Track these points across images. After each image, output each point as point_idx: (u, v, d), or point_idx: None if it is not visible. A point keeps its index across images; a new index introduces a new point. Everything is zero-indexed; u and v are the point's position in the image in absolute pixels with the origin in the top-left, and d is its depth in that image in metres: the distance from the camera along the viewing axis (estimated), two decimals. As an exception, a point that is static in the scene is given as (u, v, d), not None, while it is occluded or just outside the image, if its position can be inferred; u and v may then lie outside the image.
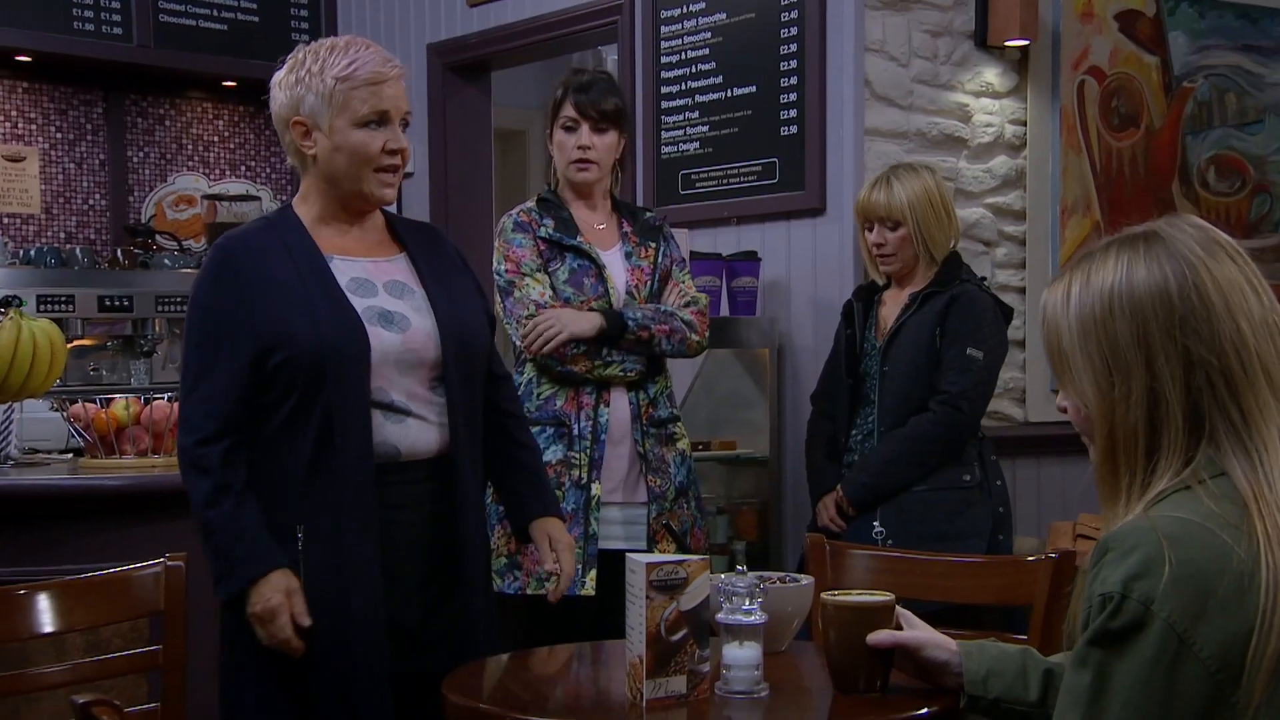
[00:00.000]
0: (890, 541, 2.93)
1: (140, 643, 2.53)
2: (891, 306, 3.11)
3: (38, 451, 3.17)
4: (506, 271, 2.87)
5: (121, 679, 2.30)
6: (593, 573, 2.79)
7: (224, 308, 2.06)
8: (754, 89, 3.71)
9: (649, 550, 2.87)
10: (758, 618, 1.58)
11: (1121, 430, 1.26)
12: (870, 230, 3.08)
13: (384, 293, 2.12)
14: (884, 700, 1.57)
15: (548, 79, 6.07)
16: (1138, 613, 1.17)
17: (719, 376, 3.71)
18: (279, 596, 1.98)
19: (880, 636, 1.56)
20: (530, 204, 2.97)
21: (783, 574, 1.89)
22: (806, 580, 1.85)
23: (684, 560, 1.57)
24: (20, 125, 4.82)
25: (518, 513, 2.30)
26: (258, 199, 5.20)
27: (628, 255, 2.93)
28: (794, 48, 3.58)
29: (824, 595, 1.63)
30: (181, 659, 2.13)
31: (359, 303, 2.07)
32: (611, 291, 2.87)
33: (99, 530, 2.70)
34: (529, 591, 2.82)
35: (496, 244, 2.93)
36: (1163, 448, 1.25)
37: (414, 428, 2.09)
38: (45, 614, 2.00)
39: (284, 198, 5.40)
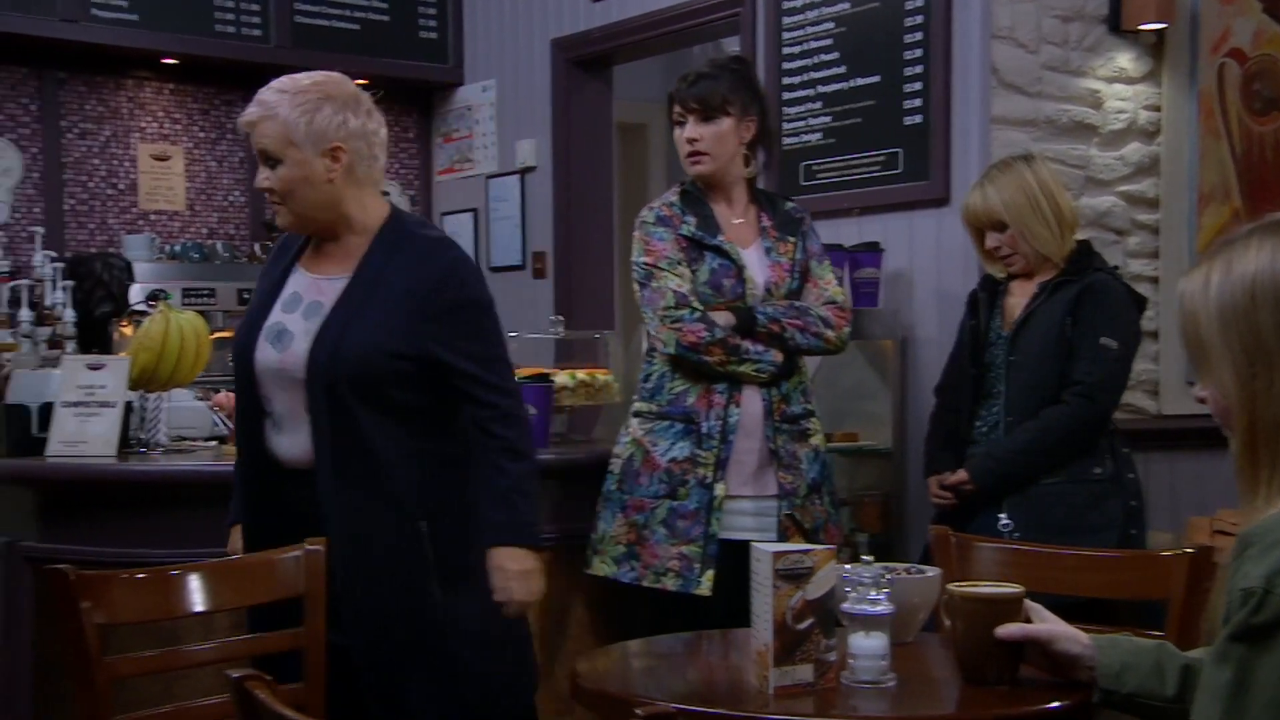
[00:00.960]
0: (1017, 534, 2.89)
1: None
2: (1019, 296, 3.06)
3: (184, 439, 3.30)
4: (646, 263, 2.86)
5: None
6: (710, 573, 2.80)
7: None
8: (878, 79, 3.68)
9: (780, 543, 2.87)
10: (885, 608, 1.58)
11: (1262, 422, 1.24)
12: (981, 234, 3.05)
13: (299, 312, 2.30)
14: (1014, 693, 1.56)
15: (669, 72, 6.10)
16: None
17: (841, 368, 3.69)
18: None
19: (1010, 629, 1.55)
20: (672, 197, 2.95)
21: (908, 565, 1.89)
22: (933, 571, 1.85)
23: (809, 550, 1.59)
24: (166, 125, 5.02)
25: (479, 535, 2.33)
26: (387, 194, 5.31)
27: (767, 251, 2.91)
28: (919, 36, 3.55)
29: (951, 587, 1.63)
30: (322, 640, 2.22)
31: (276, 316, 2.30)
32: (750, 291, 2.86)
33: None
34: (645, 583, 2.85)
35: (636, 235, 2.92)
36: None
37: (287, 439, 2.30)
38: (196, 594, 2.09)
39: (411, 192, 5.54)
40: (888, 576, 1.62)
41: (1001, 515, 2.94)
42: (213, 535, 2.75)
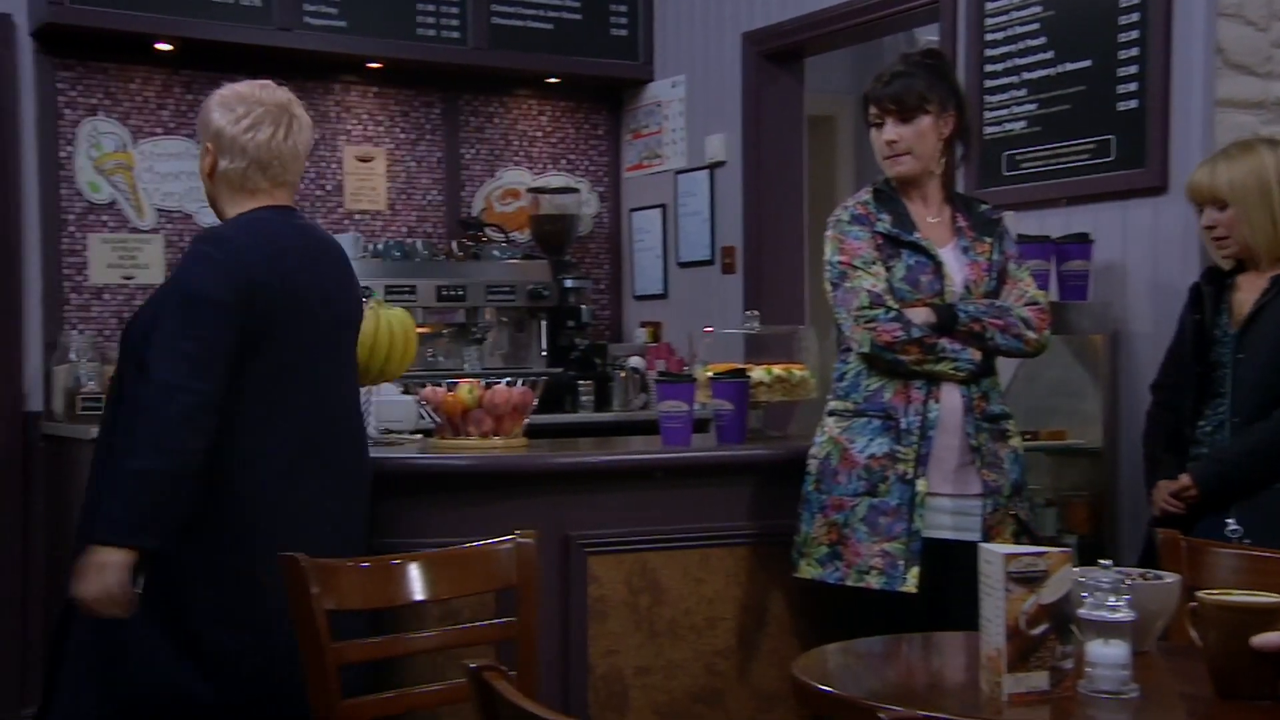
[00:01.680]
0: (1247, 541, 2.74)
1: (485, 615, 2.69)
2: (1247, 291, 2.91)
3: (391, 431, 3.40)
4: (840, 262, 2.84)
5: (469, 648, 2.46)
6: (915, 569, 2.75)
7: None
8: (1089, 63, 3.54)
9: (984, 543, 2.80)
10: (1125, 614, 1.51)
11: None
12: (1201, 212, 2.90)
13: None
14: (1274, 708, 1.47)
15: (857, 64, 6.01)
16: None
17: (1044, 364, 3.55)
18: None
19: (1269, 638, 1.46)
20: (866, 196, 2.92)
21: (1142, 570, 1.80)
22: (1171, 578, 1.76)
23: (1044, 552, 1.53)
24: (369, 128, 5.19)
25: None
26: (577, 190, 5.40)
27: (964, 250, 2.85)
28: (1136, 17, 3.40)
29: (1203, 594, 1.54)
30: (533, 632, 2.25)
31: None
32: (948, 288, 2.80)
33: (447, 506, 2.87)
34: (849, 583, 2.81)
35: (829, 234, 2.89)
36: None
37: None
38: (416, 583, 2.15)
39: (600, 189, 5.59)
40: (1127, 582, 1.54)
41: (1230, 521, 2.79)
42: (422, 525, 2.83)
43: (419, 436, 3.35)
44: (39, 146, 4.56)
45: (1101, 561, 1.61)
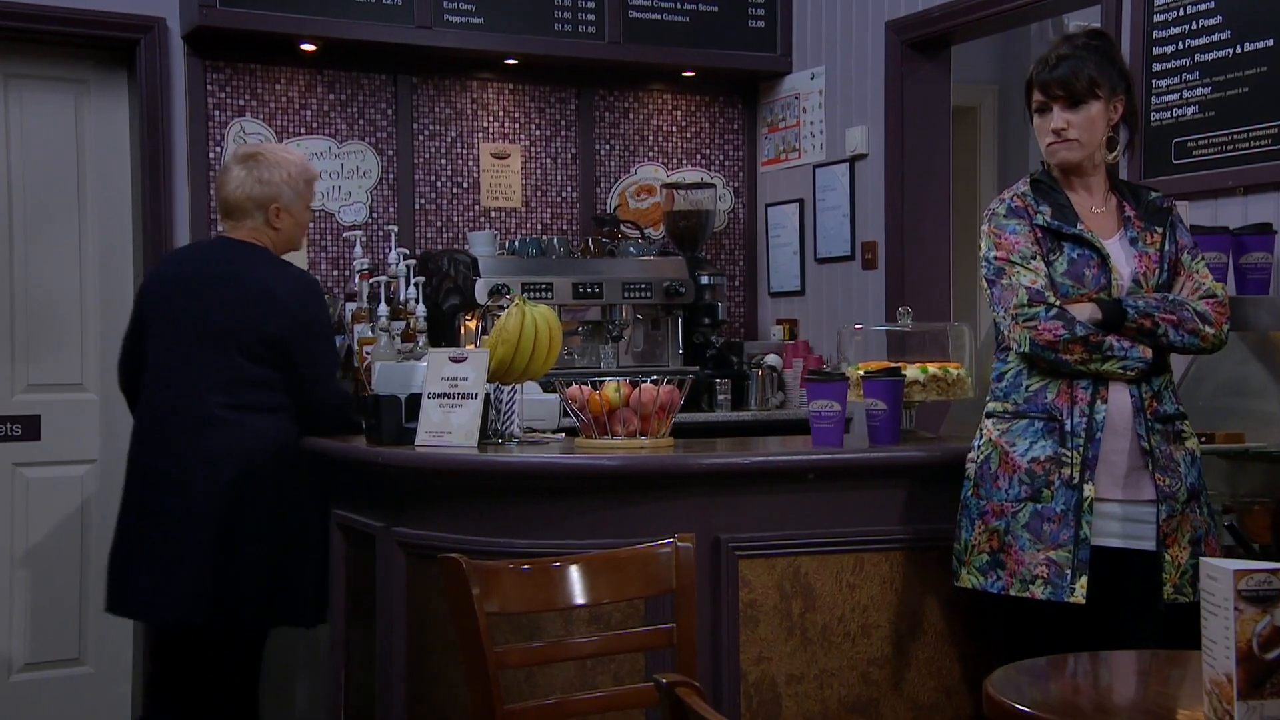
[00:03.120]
0: None
1: (635, 620, 2.63)
2: None
3: (534, 430, 3.35)
4: (996, 259, 2.71)
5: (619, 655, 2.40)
6: (1083, 579, 2.61)
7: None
8: (1270, 42, 3.33)
9: (1158, 552, 2.64)
10: (1370, 640, 1.37)
11: None
12: None
13: None
14: None
15: (999, 52, 5.81)
16: None
17: (1220, 362, 3.35)
18: None
19: None
20: (1023, 187, 2.77)
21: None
22: None
23: (1277, 569, 1.39)
24: (506, 124, 5.17)
25: None
26: (712, 186, 5.31)
27: (1132, 241, 2.69)
28: (1323, -8, 3.19)
29: None
30: (692, 639, 2.18)
31: None
32: (1115, 282, 2.65)
33: (593, 507, 2.81)
34: (1013, 593, 2.68)
35: (985, 229, 2.76)
36: None
37: None
38: (576, 586, 2.09)
39: (735, 185, 5.49)
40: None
41: None
42: (567, 527, 2.78)
43: (562, 436, 3.30)
44: (190, 148, 4.63)
45: (1343, 579, 1.46)
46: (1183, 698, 1.54)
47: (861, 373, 3.09)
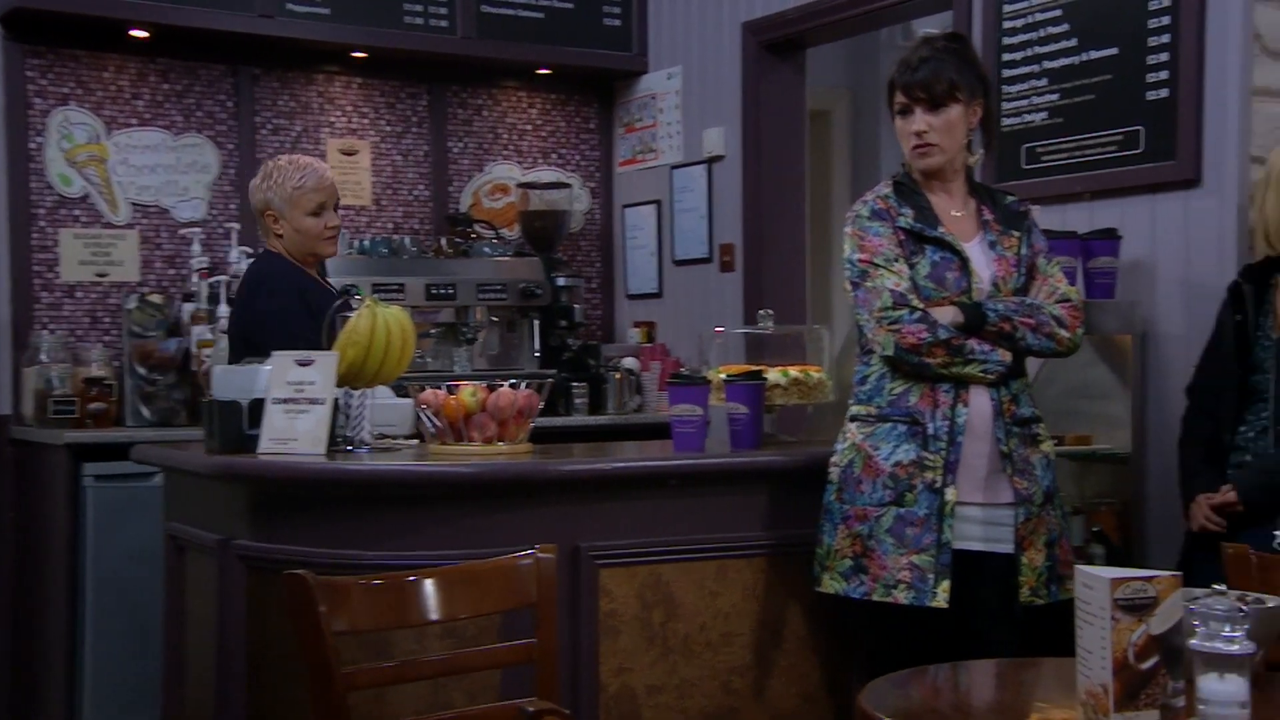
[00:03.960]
0: (1295, 552, 2.61)
1: (491, 634, 2.53)
2: (1291, 290, 2.77)
3: (385, 436, 3.22)
4: (859, 261, 2.68)
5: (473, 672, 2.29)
6: (945, 583, 2.60)
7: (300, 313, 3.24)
8: (1115, 50, 3.40)
9: (1016, 555, 2.65)
10: (1243, 646, 1.36)
11: None
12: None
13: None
14: None
15: (851, 56, 5.87)
16: None
17: (1068, 364, 3.40)
18: None
19: None
20: (885, 189, 2.76)
21: (1238, 592, 1.65)
22: (1274, 601, 1.61)
23: (1153, 576, 1.37)
24: (354, 120, 4.99)
25: None
26: (568, 186, 5.23)
27: (991, 245, 2.70)
28: (1166, 2, 3.26)
29: None
30: (554, 653, 2.09)
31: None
32: (975, 285, 2.65)
33: (448, 517, 2.70)
34: (875, 598, 2.66)
35: (848, 231, 2.74)
36: None
37: None
38: (432, 602, 1.98)
39: (592, 185, 5.42)
40: (1244, 609, 1.38)
41: (1278, 532, 2.65)
42: (422, 538, 2.66)
43: (415, 442, 3.18)
44: (7, 137, 4.34)
45: (1215, 586, 1.45)
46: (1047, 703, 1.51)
47: (723, 376, 3.05)
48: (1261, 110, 3.13)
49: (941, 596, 2.61)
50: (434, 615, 2.01)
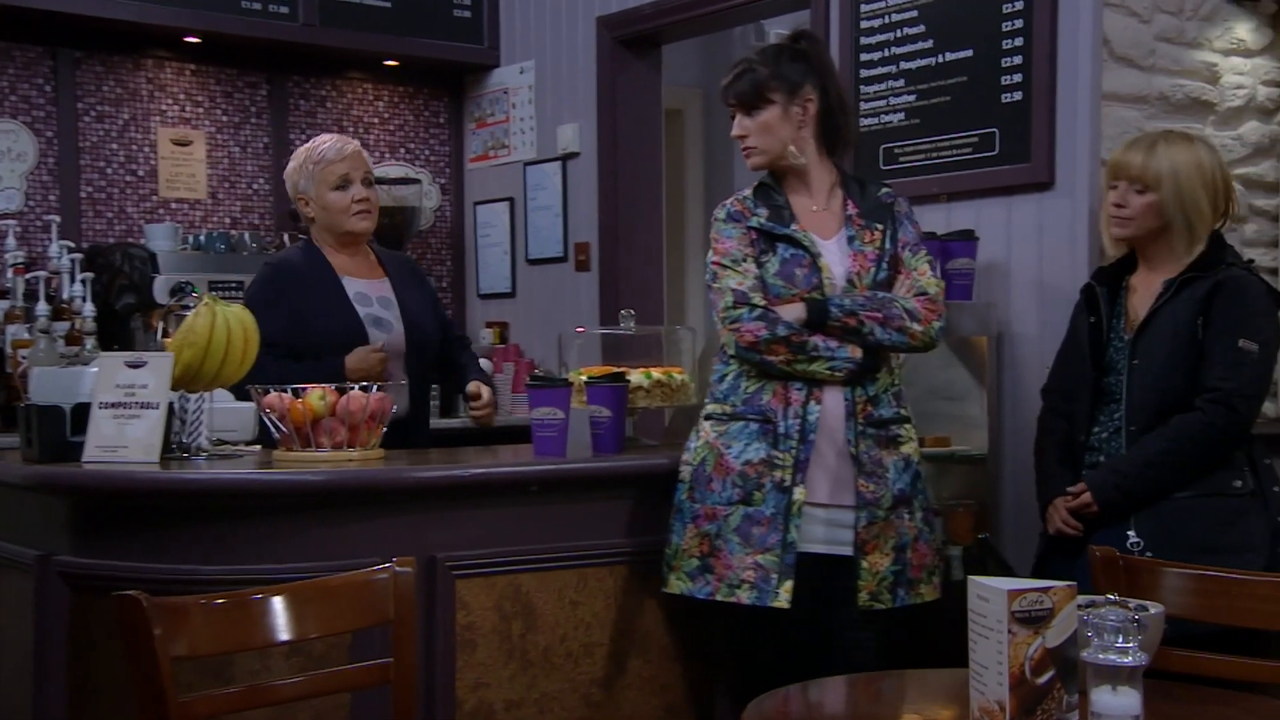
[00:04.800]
0: (1148, 554, 2.64)
1: (341, 653, 2.39)
2: (1143, 293, 2.81)
3: (225, 442, 3.03)
4: (712, 263, 2.69)
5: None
6: (788, 583, 2.57)
7: (269, 301, 3.09)
8: (970, 53, 3.42)
9: (855, 558, 2.62)
10: (1136, 658, 1.32)
11: None
12: (1114, 189, 2.79)
13: (377, 304, 3.21)
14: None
15: (705, 55, 5.83)
16: None
17: (927, 367, 3.43)
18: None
19: None
20: (747, 192, 2.76)
21: (1120, 599, 1.62)
22: (1156, 609, 1.58)
23: (1049, 588, 1.32)
24: (187, 109, 4.74)
25: (461, 379, 3.37)
26: (417, 181, 5.06)
27: (850, 240, 2.68)
28: (1019, 5, 3.29)
29: None
30: (412, 674, 1.96)
31: (360, 310, 3.17)
32: (827, 281, 2.62)
33: (296, 528, 2.55)
34: (719, 598, 2.61)
35: (711, 235, 2.74)
36: None
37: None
38: (281, 621, 1.84)
39: (442, 180, 5.27)
40: (1138, 620, 1.35)
41: (1130, 532, 2.69)
42: (266, 551, 2.50)
43: (257, 448, 3.00)
44: None
45: (1109, 595, 1.42)
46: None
47: (585, 378, 2.95)
48: (1110, 114, 3.18)
49: (783, 596, 2.57)
50: (283, 636, 1.86)
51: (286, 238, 4.66)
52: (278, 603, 1.88)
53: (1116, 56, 3.20)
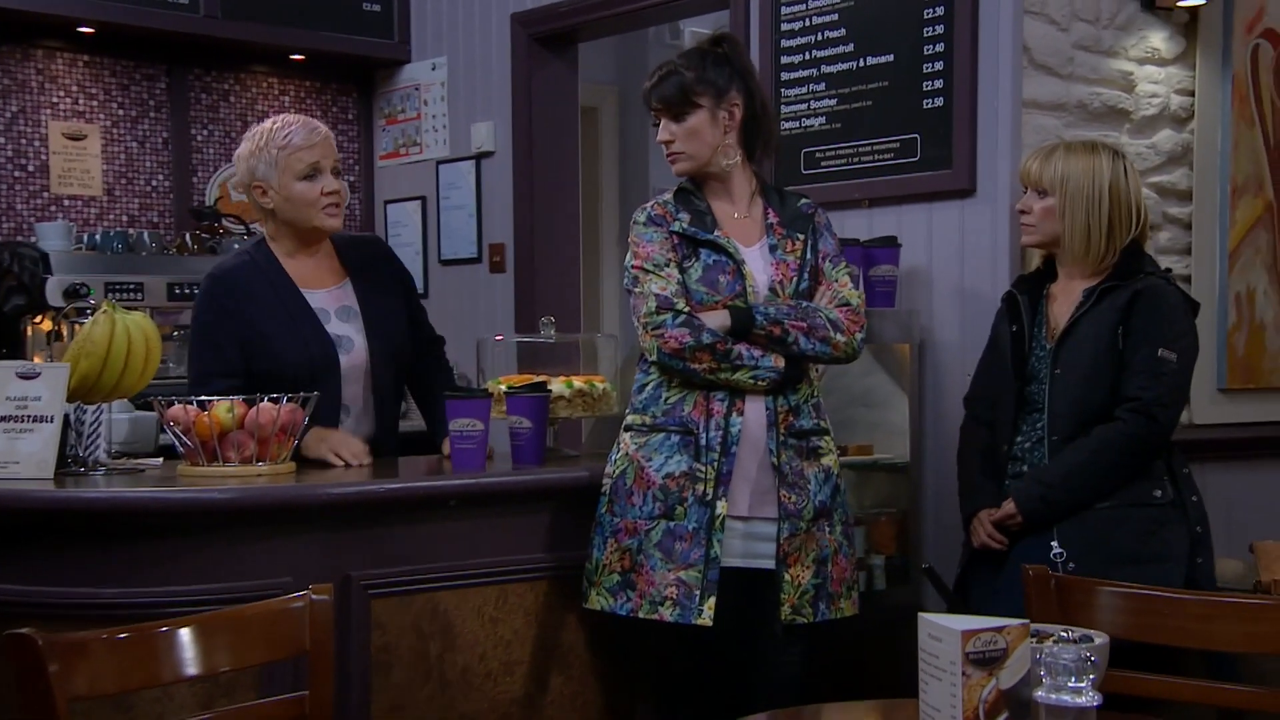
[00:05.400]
0: (1072, 565, 2.64)
1: (246, 685, 2.28)
2: (1063, 302, 2.81)
3: (125, 455, 2.89)
4: (633, 267, 2.62)
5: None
6: (711, 600, 2.52)
7: (220, 323, 2.79)
8: (891, 57, 3.39)
9: (777, 572, 2.57)
10: (1090, 699, 1.29)
11: None
12: (1024, 195, 2.84)
13: (335, 319, 2.85)
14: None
15: (621, 53, 5.77)
16: None
17: (849, 374, 3.40)
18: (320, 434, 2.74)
19: None
20: (667, 196, 2.69)
21: (1063, 626, 1.59)
22: (1101, 638, 1.55)
23: (1002, 627, 1.28)
24: (81, 101, 4.54)
25: (430, 410, 3.03)
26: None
27: (772, 249, 2.64)
28: (941, 10, 3.27)
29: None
30: (329, 706, 1.87)
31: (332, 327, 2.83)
32: (751, 289, 2.58)
33: (201, 547, 2.43)
34: (641, 615, 2.56)
35: (630, 238, 2.66)
36: None
37: (350, 423, 2.87)
38: (189, 655, 1.73)
39: (350, 178, 5.13)
40: (1092, 659, 1.31)
41: (1054, 544, 2.68)
42: (170, 572, 2.38)
43: (159, 461, 2.86)
44: None
45: (1062, 633, 1.38)
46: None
47: (504, 388, 2.87)
48: (1030, 122, 3.18)
49: (707, 614, 2.52)
50: (191, 670, 1.76)
51: (188, 237, 4.49)
52: (185, 635, 1.77)
53: (1036, 64, 3.20)
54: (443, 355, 3.14)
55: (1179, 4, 3.36)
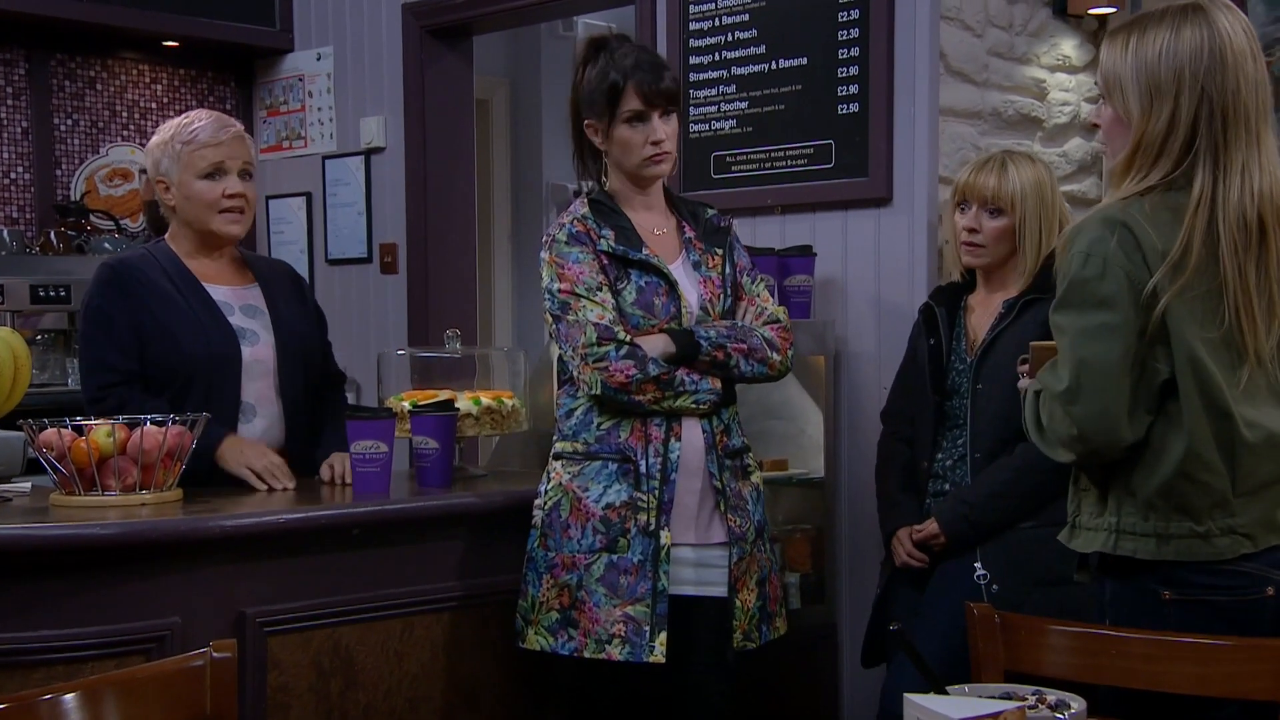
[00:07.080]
0: (995, 587, 2.59)
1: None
2: (982, 314, 2.75)
3: (-11, 482, 2.65)
4: (560, 291, 2.42)
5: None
6: (662, 635, 2.40)
7: (114, 310, 2.59)
8: (804, 60, 3.30)
9: (730, 598, 2.47)
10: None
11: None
12: (964, 212, 2.73)
13: (240, 313, 2.69)
14: None
15: (511, 45, 5.60)
16: None
17: (765, 386, 3.30)
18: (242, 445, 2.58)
19: None
20: (582, 209, 2.50)
21: (1036, 690, 1.49)
22: (1078, 704, 1.46)
23: (999, 713, 1.18)
24: (-67, 88, 4.22)
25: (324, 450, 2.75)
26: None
27: (696, 265, 2.51)
28: (856, 14, 3.19)
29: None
30: (233, 775, 1.70)
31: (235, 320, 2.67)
32: (685, 310, 2.45)
33: (77, 587, 2.22)
34: (587, 654, 2.42)
35: (546, 258, 2.46)
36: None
37: (259, 425, 2.69)
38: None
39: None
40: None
41: (977, 565, 2.63)
42: (43, 615, 2.17)
43: (27, 486, 2.63)
44: None
45: (1050, 699, 1.29)
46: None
47: (408, 405, 2.70)
48: (946, 130, 3.12)
49: (659, 650, 2.40)
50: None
51: (53, 235, 4.21)
52: (71, 703, 1.59)
53: (952, 70, 3.14)
54: (344, 395, 2.97)
55: (1089, 11, 3.34)
